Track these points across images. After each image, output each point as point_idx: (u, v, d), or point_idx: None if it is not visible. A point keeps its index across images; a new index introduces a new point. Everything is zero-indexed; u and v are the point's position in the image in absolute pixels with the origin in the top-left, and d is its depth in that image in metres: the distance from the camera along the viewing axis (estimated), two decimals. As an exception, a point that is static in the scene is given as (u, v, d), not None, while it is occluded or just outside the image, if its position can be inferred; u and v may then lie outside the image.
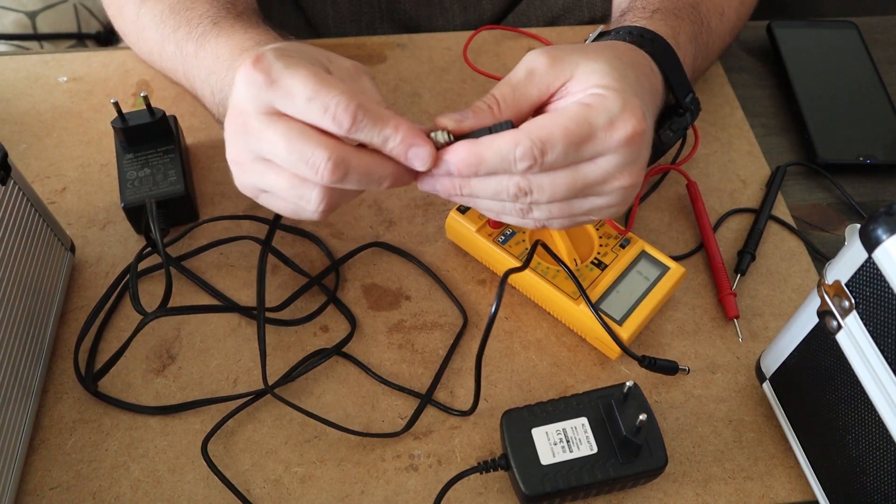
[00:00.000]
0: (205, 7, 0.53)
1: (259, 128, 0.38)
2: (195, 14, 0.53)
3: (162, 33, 0.55)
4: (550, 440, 0.43)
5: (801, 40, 0.70)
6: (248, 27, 0.50)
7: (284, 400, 0.47)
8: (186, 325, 0.52)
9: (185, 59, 0.53)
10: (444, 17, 0.76)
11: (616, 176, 0.39)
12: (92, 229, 0.56)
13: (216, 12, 0.52)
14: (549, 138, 0.37)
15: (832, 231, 0.59)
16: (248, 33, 0.49)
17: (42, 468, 0.46)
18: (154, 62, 0.59)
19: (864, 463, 0.39)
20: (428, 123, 0.64)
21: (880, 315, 0.36)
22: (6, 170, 0.45)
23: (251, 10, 0.56)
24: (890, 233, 0.35)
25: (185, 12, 0.53)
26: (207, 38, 0.51)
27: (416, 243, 0.56)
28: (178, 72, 0.55)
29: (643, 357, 0.48)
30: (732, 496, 0.46)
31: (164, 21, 0.54)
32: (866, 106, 0.65)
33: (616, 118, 0.38)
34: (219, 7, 0.53)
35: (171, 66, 0.56)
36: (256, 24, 0.52)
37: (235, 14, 0.52)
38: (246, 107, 0.38)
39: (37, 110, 0.64)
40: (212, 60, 0.50)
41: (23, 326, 0.46)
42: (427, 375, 0.50)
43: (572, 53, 0.40)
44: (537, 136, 0.37)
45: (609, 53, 0.41)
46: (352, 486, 0.46)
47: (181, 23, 0.53)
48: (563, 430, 0.44)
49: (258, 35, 0.49)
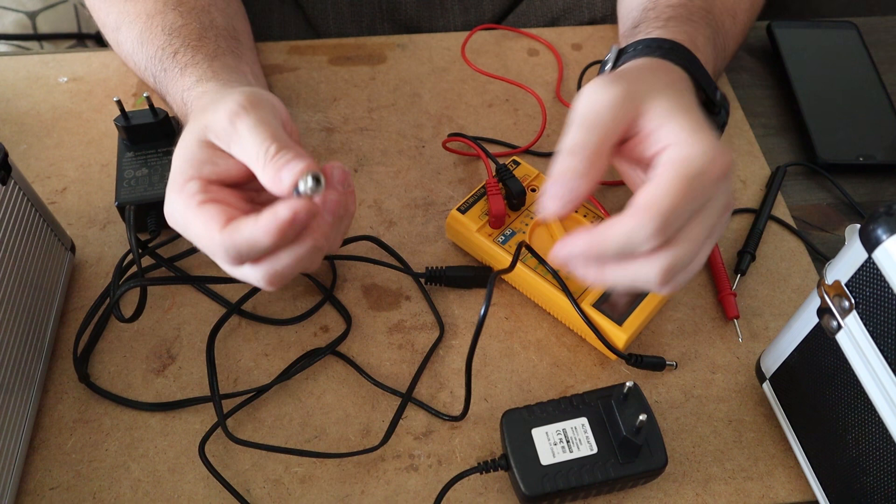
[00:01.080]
0: (156, 45, 0.53)
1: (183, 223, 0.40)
2: (152, 50, 0.53)
3: (138, 65, 0.56)
4: (550, 440, 0.43)
5: (801, 40, 0.70)
6: (177, 74, 0.50)
7: (236, 440, 0.47)
8: (186, 325, 0.52)
9: (161, 90, 0.54)
10: (444, 17, 0.76)
11: (727, 206, 0.39)
12: (92, 229, 0.56)
13: (162, 52, 0.52)
14: (670, 209, 0.36)
15: (832, 231, 0.59)
16: (177, 83, 0.50)
17: (42, 468, 0.46)
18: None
19: (864, 463, 0.39)
20: (428, 123, 0.64)
21: (880, 315, 0.36)
22: (6, 170, 0.45)
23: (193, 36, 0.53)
24: (890, 233, 0.35)
25: (148, 45, 0.53)
26: (164, 82, 0.52)
27: (416, 243, 0.56)
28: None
29: (630, 355, 0.49)
30: (732, 496, 0.46)
31: (135, 53, 0.55)
32: (866, 106, 0.65)
33: (710, 160, 0.37)
34: (165, 45, 0.52)
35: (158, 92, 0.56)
36: (182, 70, 0.50)
37: (172, 52, 0.52)
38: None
39: (37, 110, 0.64)
40: (175, 103, 0.51)
41: (23, 326, 0.46)
42: (428, 375, 0.50)
43: (637, 84, 0.39)
44: (658, 212, 0.36)
45: (661, 83, 0.41)
46: (352, 486, 0.46)
47: (147, 61, 0.54)
48: (563, 431, 0.44)
49: (191, 81, 0.49)
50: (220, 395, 0.47)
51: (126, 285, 0.47)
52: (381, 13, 0.76)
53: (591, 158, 0.38)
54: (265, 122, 0.39)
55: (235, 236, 0.37)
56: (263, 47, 0.69)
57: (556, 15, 0.76)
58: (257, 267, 0.39)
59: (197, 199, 0.39)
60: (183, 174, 0.40)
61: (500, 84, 0.67)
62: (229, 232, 0.38)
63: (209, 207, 0.39)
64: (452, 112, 0.65)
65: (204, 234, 0.38)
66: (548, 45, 0.70)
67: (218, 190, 0.40)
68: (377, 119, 0.64)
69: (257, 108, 0.40)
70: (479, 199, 0.54)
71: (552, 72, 0.68)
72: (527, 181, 0.55)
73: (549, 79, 0.67)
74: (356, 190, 0.59)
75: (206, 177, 0.40)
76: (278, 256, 0.39)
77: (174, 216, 0.40)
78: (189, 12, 0.54)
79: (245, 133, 0.39)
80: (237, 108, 0.39)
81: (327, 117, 0.64)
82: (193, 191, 0.39)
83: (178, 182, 0.40)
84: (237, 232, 0.37)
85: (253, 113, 0.39)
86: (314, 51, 0.69)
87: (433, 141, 0.63)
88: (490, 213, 0.53)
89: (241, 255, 0.38)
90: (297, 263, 0.39)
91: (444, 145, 0.61)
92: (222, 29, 0.54)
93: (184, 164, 0.40)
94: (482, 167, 0.61)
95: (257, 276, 0.40)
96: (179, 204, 0.39)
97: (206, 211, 0.39)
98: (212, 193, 0.39)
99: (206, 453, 0.46)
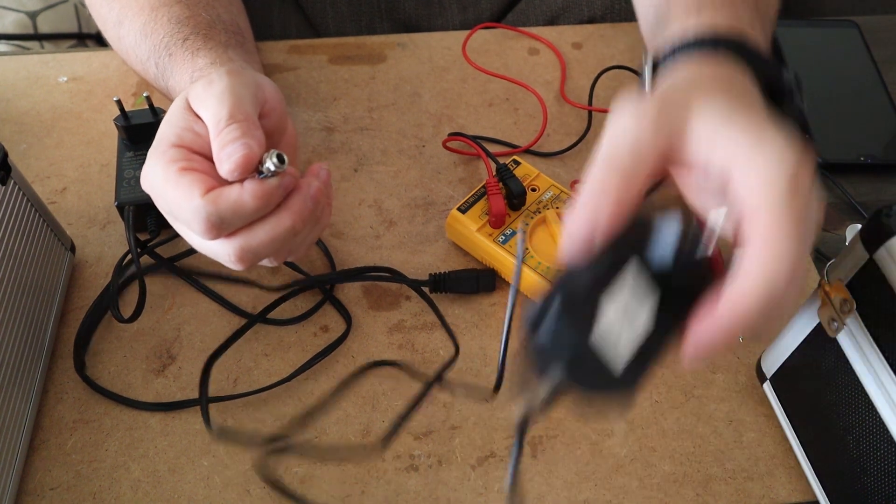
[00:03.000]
0: (161, 33, 0.52)
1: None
2: (157, 38, 0.52)
3: (140, 58, 0.55)
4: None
5: (801, 40, 0.70)
6: (188, 57, 0.49)
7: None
8: (186, 325, 0.52)
9: (164, 75, 0.53)
10: (442, 16, 0.76)
11: (817, 219, 0.31)
12: (92, 229, 0.56)
13: (170, 39, 0.51)
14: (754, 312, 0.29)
15: (832, 231, 0.59)
16: (186, 65, 0.49)
17: (42, 468, 0.46)
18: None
19: (864, 463, 0.39)
20: (428, 122, 0.64)
21: (881, 316, 0.36)
22: (6, 170, 0.45)
23: (202, 25, 0.52)
24: (891, 233, 0.34)
25: (152, 35, 0.53)
26: (170, 67, 0.51)
27: (416, 243, 0.56)
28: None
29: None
30: (733, 496, 0.46)
31: (137, 45, 0.55)
32: (867, 106, 0.65)
33: (794, 165, 0.30)
34: (173, 32, 0.51)
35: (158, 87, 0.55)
36: (194, 54, 0.50)
37: (181, 38, 0.51)
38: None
39: (37, 110, 0.64)
40: (180, 85, 0.50)
41: (23, 326, 0.46)
42: (429, 375, 0.50)
43: (668, 107, 0.32)
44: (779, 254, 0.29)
45: (711, 90, 0.34)
46: (352, 486, 0.46)
47: (150, 50, 0.53)
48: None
49: (205, 62, 0.48)
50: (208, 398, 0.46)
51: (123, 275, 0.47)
52: (379, 12, 0.76)
53: (613, 199, 0.32)
54: (233, 91, 0.39)
55: (220, 201, 0.37)
56: (263, 46, 0.69)
57: (555, 13, 0.76)
58: (231, 241, 0.39)
59: (178, 166, 0.38)
60: (166, 139, 0.40)
61: (500, 83, 0.67)
62: (213, 197, 0.37)
63: (190, 175, 0.38)
64: (452, 111, 0.65)
65: (182, 200, 0.38)
66: (548, 44, 0.70)
67: (201, 160, 0.40)
68: (377, 118, 0.64)
69: (232, 77, 0.39)
70: (479, 198, 0.54)
71: (552, 71, 0.68)
72: (527, 181, 0.55)
73: (549, 78, 0.67)
74: (356, 189, 0.59)
75: (188, 145, 0.39)
76: (254, 231, 0.38)
77: (152, 180, 0.40)
78: (195, 5, 0.53)
79: (209, 99, 0.38)
80: (216, 75, 0.39)
81: (327, 117, 0.64)
82: (175, 157, 0.39)
83: (161, 147, 0.39)
84: (221, 198, 0.37)
85: (226, 80, 0.39)
86: (314, 50, 0.69)
87: (433, 140, 0.63)
88: (490, 213, 0.53)
89: (222, 221, 0.37)
90: (272, 243, 0.39)
91: (445, 145, 0.61)
92: (228, 24, 0.54)
93: (167, 127, 0.40)
94: (482, 167, 0.61)
95: (228, 251, 0.39)
96: (159, 168, 0.39)
97: (186, 177, 0.38)
98: (193, 162, 0.39)
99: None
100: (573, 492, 0.45)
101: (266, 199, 0.37)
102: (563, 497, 0.45)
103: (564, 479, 0.46)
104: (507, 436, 0.48)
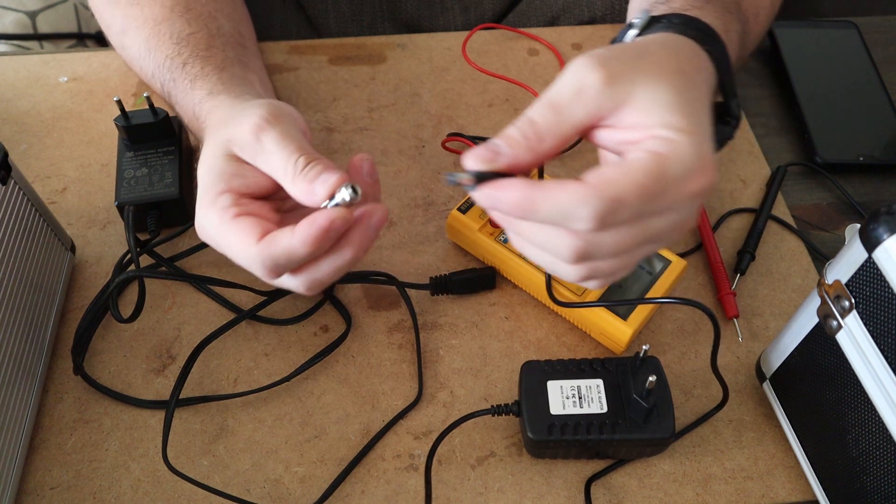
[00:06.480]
0: (164, 54, 0.52)
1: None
2: (160, 58, 0.53)
3: (145, 71, 0.56)
4: (564, 394, 0.44)
5: (801, 40, 0.70)
6: (187, 86, 0.50)
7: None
8: (186, 325, 0.52)
9: (170, 98, 0.54)
10: (444, 16, 0.76)
11: (682, 224, 0.36)
12: (92, 229, 0.56)
13: (171, 62, 0.52)
14: (622, 197, 0.32)
15: (832, 231, 0.59)
16: (187, 97, 0.50)
17: (42, 468, 0.46)
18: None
19: (864, 463, 0.39)
20: (428, 123, 0.64)
21: (880, 315, 0.36)
22: (6, 170, 0.45)
23: (200, 47, 0.53)
24: (890, 232, 0.35)
25: (156, 53, 0.53)
26: (174, 92, 0.52)
27: (416, 243, 0.56)
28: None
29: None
30: (733, 496, 0.46)
31: (142, 59, 0.55)
32: (866, 106, 0.65)
33: (691, 171, 0.33)
34: (173, 54, 0.52)
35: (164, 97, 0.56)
36: (192, 83, 0.50)
37: (181, 62, 0.51)
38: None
39: (37, 110, 0.64)
40: (185, 114, 0.51)
41: (23, 326, 0.46)
42: (428, 376, 0.50)
43: (630, 69, 0.35)
44: (609, 196, 0.32)
45: (672, 69, 0.36)
46: (352, 486, 0.46)
47: (155, 68, 0.53)
48: (577, 388, 0.45)
49: (202, 94, 0.49)
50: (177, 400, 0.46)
51: (123, 275, 0.47)
52: (381, 12, 0.76)
53: (542, 132, 0.34)
54: (289, 134, 0.39)
55: (273, 248, 0.37)
56: (264, 47, 0.69)
57: (556, 13, 0.76)
58: (297, 277, 0.40)
59: (231, 213, 0.39)
60: (214, 188, 0.40)
61: (500, 84, 0.67)
62: (266, 244, 0.37)
63: (243, 220, 0.39)
64: (452, 112, 0.65)
65: (240, 247, 0.38)
66: (548, 45, 0.70)
67: (249, 202, 0.40)
68: (377, 119, 0.64)
69: (280, 122, 0.40)
70: (479, 198, 0.54)
71: (552, 71, 0.68)
72: (527, 181, 0.55)
73: (549, 78, 0.67)
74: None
75: (237, 189, 0.40)
76: (319, 266, 0.39)
77: (208, 230, 0.40)
78: (196, 19, 0.54)
79: (271, 146, 0.39)
80: (260, 121, 0.39)
81: (327, 117, 0.64)
82: (226, 204, 0.39)
83: (210, 196, 0.40)
84: (274, 243, 0.37)
85: (277, 126, 0.39)
86: (314, 50, 0.69)
87: (433, 141, 0.63)
88: (490, 213, 0.53)
89: (278, 266, 0.38)
90: (337, 273, 0.39)
91: (444, 145, 0.61)
92: (229, 36, 0.54)
93: (213, 177, 0.40)
94: (482, 167, 0.61)
95: (297, 284, 0.40)
96: (213, 218, 0.39)
97: (240, 224, 0.39)
98: (244, 206, 0.39)
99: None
100: (573, 491, 0.46)
101: (318, 244, 0.37)
102: (563, 497, 0.45)
103: (564, 479, 0.46)
104: (508, 435, 0.48)
